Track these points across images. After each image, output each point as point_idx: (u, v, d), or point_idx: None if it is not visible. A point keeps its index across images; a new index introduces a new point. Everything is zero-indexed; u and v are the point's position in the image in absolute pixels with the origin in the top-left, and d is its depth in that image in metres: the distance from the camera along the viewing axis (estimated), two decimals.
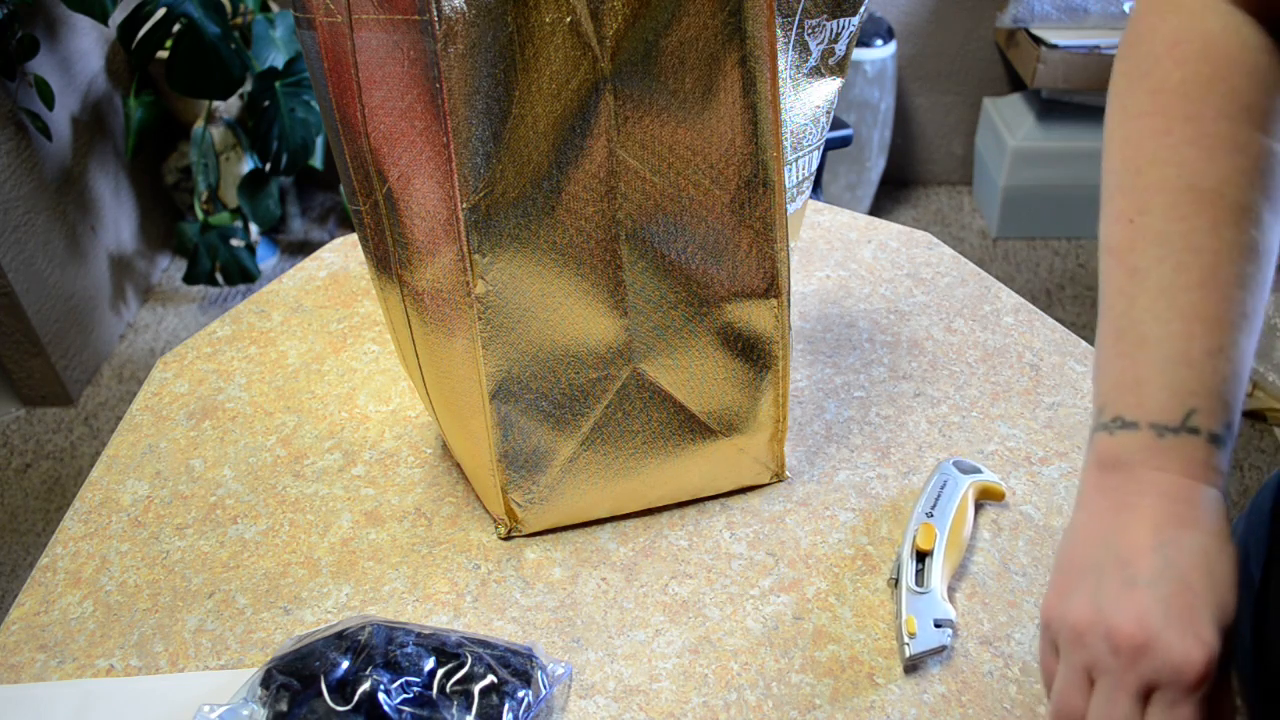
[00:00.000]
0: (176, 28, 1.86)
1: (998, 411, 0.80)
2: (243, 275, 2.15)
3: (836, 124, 1.59)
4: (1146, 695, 0.41)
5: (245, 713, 0.55)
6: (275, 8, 2.27)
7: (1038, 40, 2.17)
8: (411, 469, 0.77)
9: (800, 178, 0.74)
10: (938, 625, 0.60)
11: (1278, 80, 0.47)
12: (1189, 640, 0.40)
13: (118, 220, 2.25)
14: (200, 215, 2.16)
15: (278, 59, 2.11)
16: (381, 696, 0.54)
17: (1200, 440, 0.43)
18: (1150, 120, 0.47)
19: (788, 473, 0.75)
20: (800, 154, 0.73)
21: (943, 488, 0.69)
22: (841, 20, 0.69)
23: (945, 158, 2.66)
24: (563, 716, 0.59)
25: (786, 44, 0.67)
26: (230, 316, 0.94)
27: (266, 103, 2.04)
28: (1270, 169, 0.46)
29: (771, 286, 0.64)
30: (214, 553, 0.71)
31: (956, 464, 0.71)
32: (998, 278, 2.32)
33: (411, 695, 0.55)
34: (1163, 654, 0.40)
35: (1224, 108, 0.46)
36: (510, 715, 0.55)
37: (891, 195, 2.65)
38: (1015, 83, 2.50)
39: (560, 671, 0.60)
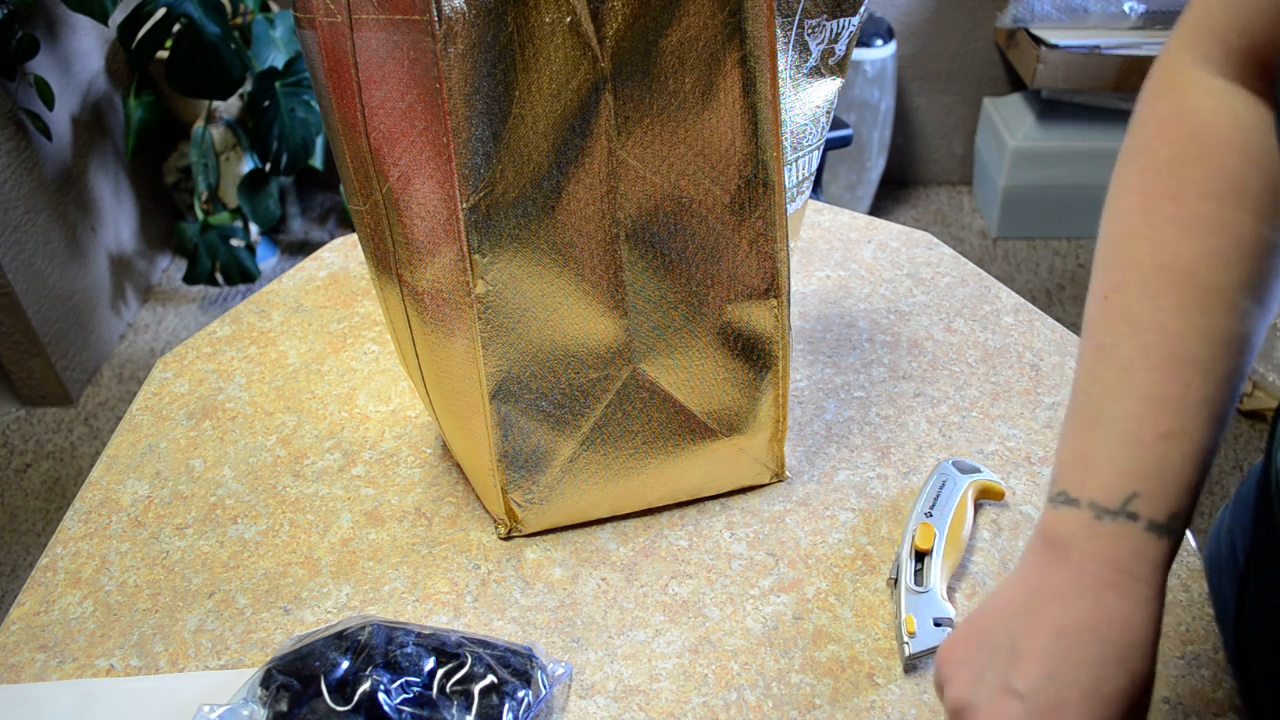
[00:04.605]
0: (176, 28, 1.86)
1: (998, 411, 0.80)
2: (243, 275, 2.15)
3: (836, 124, 1.59)
4: None
5: (245, 713, 0.55)
6: (275, 8, 2.27)
7: (1038, 40, 2.17)
8: (411, 469, 0.77)
9: (800, 178, 0.74)
10: (937, 624, 0.60)
11: (1274, 159, 0.44)
12: None
13: (118, 220, 2.25)
14: (200, 215, 2.16)
15: (278, 59, 2.11)
16: (381, 696, 0.54)
17: (1137, 528, 0.42)
18: (1135, 198, 0.46)
19: (788, 473, 0.75)
20: (800, 154, 0.73)
21: (942, 487, 0.69)
22: (841, 20, 0.69)
23: (945, 158, 2.66)
24: (563, 716, 0.59)
25: (786, 44, 0.67)
26: (230, 316, 0.94)
27: (266, 103, 2.04)
28: (1254, 254, 0.43)
29: (771, 286, 0.64)
30: (214, 553, 0.71)
31: (956, 464, 0.71)
32: (998, 278, 2.32)
33: (411, 695, 0.55)
34: None
35: (1209, 186, 0.44)
36: (510, 715, 0.55)
37: (891, 195, 2.65)
38: (1015, 83, 2.50)
39: (560, 671, 0.60)
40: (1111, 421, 0.43)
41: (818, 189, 1.81)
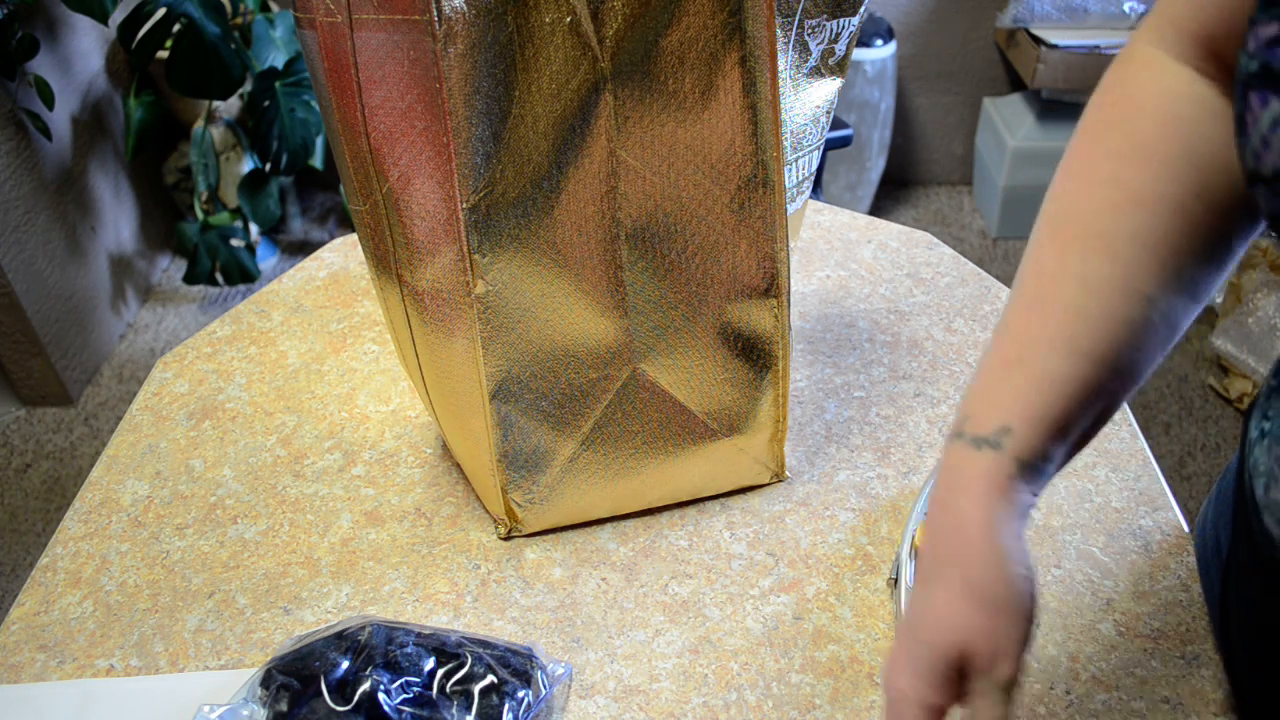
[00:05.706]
0: (176, 28, 1.86)
1: None
2: (243, 275, 2.15)
3: (836, 124, 1.59)
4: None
5: (245, 713, 0.55)
6: (275, 8, 2.27)
7: (1038, 40, 2.17)
8: (411, 469, 0.77)
9: (800, 178, 0.74)
10: None
11: (1201, 130, 0.46)
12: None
13: (118, 220, 2.24)
14: (200, 215, 2.16)
15: (278, 59, 2.11)
16: (381, 696, 0.54)
17: (962, 444, 0.45)
18: (1064, 161, 0.50)
19: (788, 473, 0.75)
20: (800, 154, 0.73)
21: None
22: (841, 20, 0.69)
23: (945, 158, 2.66)
24: (563, 716, 0.59)
25: (786, 44, 0.67)
26: (230, 316, 0.94)
27: (266, 103, 2.04)
28: (1151, 209, 0.45)
29: (771, 286, 0.64)
30: (214, 553, 0.71)
31: None
32: (998, 278, 2.32)
33: (411, 695, 0.55)
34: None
35: (1116, 147, 0.47)
36: (510, 715, 0.55)
37: (891, 195, 2.65)
38: (1015, 83, 2.50)
39: (560, 671, 0.60)
40: (984, 357, 0.48)
41: (818, 189, 1.81)
